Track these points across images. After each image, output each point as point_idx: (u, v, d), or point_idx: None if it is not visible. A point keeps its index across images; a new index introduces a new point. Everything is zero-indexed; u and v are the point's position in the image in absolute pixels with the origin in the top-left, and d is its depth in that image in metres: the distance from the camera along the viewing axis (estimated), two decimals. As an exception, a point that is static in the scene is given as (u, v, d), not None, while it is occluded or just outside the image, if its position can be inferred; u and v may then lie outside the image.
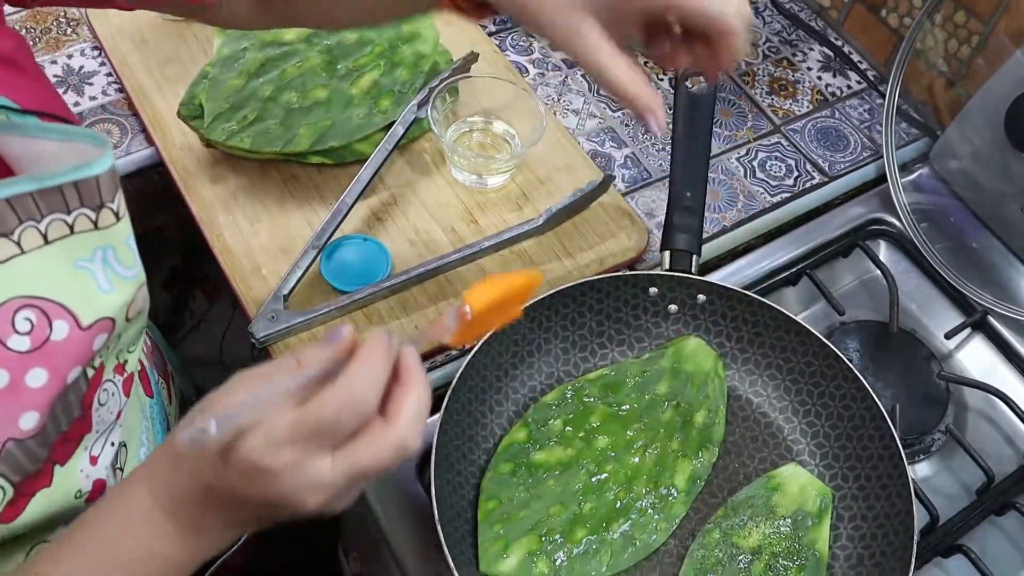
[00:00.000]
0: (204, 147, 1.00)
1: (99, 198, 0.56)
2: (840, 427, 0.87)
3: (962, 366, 1.03)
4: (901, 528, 0.80)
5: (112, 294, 0.57)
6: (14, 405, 0.54)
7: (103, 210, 0.56)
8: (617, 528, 0.82)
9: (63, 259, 0.55)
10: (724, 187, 1.08)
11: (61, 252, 0.55)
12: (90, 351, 0.56)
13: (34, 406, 0.55)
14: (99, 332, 0.56)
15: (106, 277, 0.57)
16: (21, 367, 0.53)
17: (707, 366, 0.89)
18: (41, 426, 0.56)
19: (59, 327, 0.54)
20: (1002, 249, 1.07)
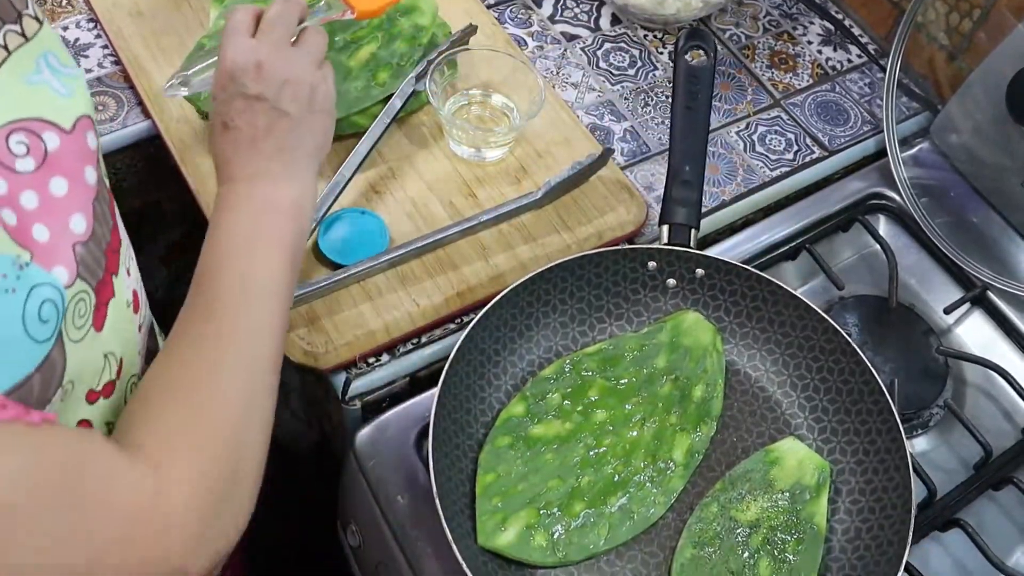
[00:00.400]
0: (201, 119, 1.00)
1: (12, 8, 0.56)
2: (838, 401, 0.87)
3: (961, 341, 1.03)
4: (899, 502, 0.80)
5: (73, 96, 0.57)
6: (59, 213, 0.55)
7: (24, 19, 0.56)
8: (615, 502, 0.82)
9: (16, 81, 0.55)
10: (723, 161, 1.08)
11: (10, 76, 0.55)
12: (89, 150, 0.58)
13: (76, 209, 0.56)
14: (85, 130, 0.58)
15: (60, 82, 0.57)
16: (42, 182, 0.54)
17: (705, 340, 0.89)
18: (91, 229, 0.57)
19: (49, 138, 0.55)
20: (1002, 224, 1.07)
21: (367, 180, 0.99)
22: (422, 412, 0.87)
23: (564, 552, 0.79)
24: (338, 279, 0.91)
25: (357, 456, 0.87)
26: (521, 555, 0.79)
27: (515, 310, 0.87)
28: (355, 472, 0.87)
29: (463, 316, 0.94)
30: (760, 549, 0.81)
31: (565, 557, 0.79)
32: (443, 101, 1.02)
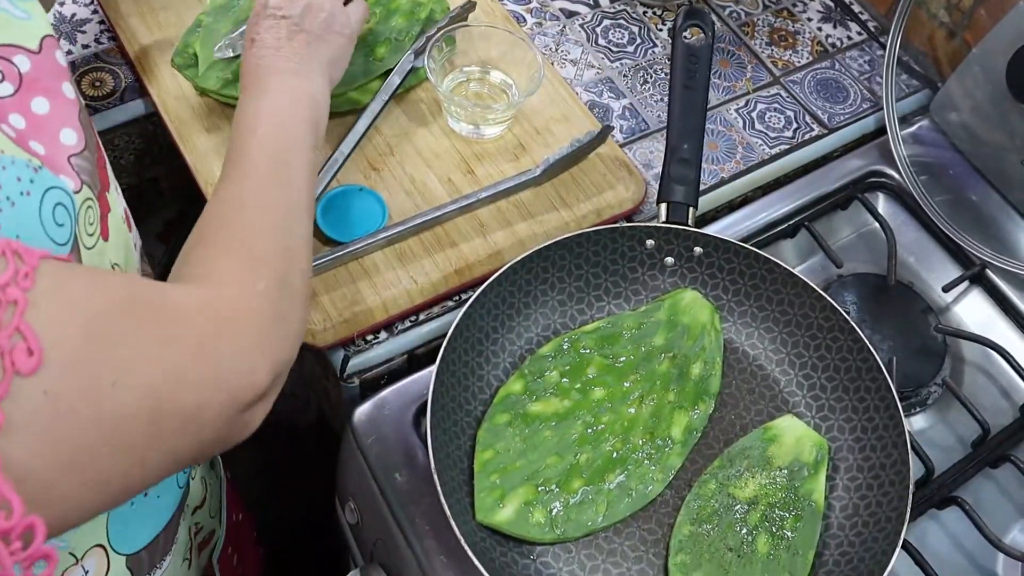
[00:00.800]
0: (199, 96, 0.99)
1: None
2: (837, 379, 0.88)
3: (959, 319, 1.03)
4: (897, 479, 0.81)
5: (32, 19, 0.57)
6: (49, 128, 0.56)
7: None
8: (613, 479, 0.82)
9: None
10: (722, 138, 1.08)
11: None
12: (60, 66, 0.58)
13: (63, 124, 0.56)
14: (52, 49, 0.58)
15: (15, 7, 0.57)
16: (23, 104, 0.55)
17: (703, 318, 0.89)
18: (83, 141, 0.58)
19: (20, 61, 0.56)
20: (1001, 202, 1.07)
21: (365, 157, 0.98)
22: (420, 389, 0.87)
23: (562, 529, 0.80)
24: (336, 256, 0.90)
25: (355, 433, 0.87)
26: (519, 531, 0.79)
27: (513, 288, 0.87)
28: (353, 449, 0.87)
29: (461, 294, 0.94)
30: (758, 526, 0.81)
31: (563, 534, 0.80)
32: (441, 77, 1.02)
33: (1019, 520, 0.91)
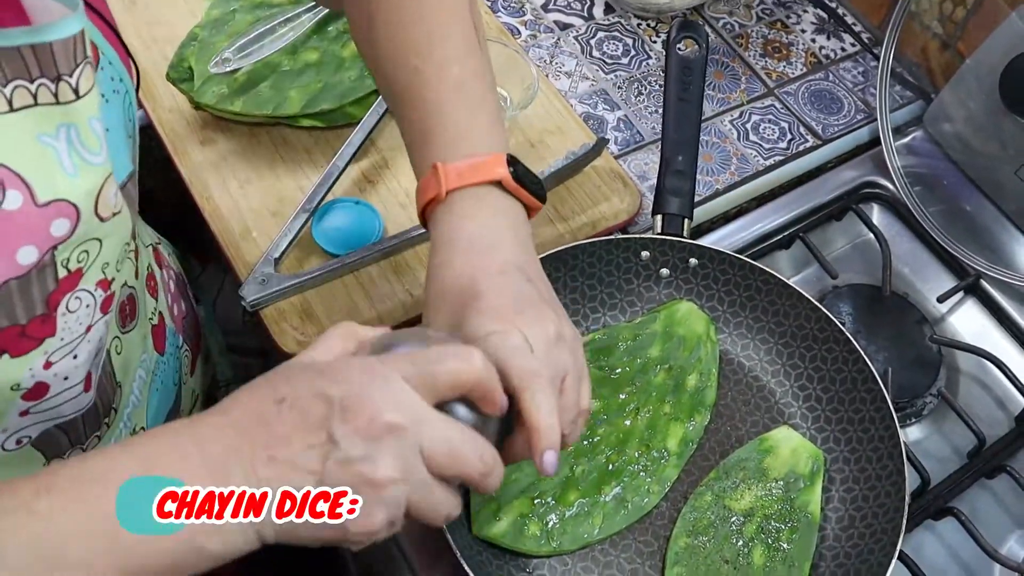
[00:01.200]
0: (193, 110, 0.99)
1: (55, 68, 0.52)
2: (832, 390, 0.88)
3: (954, 330, 1.03)
4: (892, 490, 0.81)
5: (75, 178, 0.54)
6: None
7: (60, 83, 0.53)
8: (609, 491, 0.82)
9: (27, 130, 0.52)
10: (717, 150, 1.08)
11: (25, 122, 0.52)
12: (47, 235, 0.54)
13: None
14: (58, 216, 0.53)
15: (70, 160, 0.54)
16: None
17: (699, 330, 0.89)
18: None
19: (12, 197, 0.51)
20: (995, 212, 1.07)
21: (361, 170, 0.99)
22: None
23: (558, 541, 0.79)
24: (332, 269, 0.91)
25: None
26: (515, 544, 0.79)
27: (509, 300, 0.87)
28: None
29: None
30: (754, 538, 0.81)
31: (559, 546, 0.79)
32: (436, 90, 1.02)
33: (1015, 531, 0.91)
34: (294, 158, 0.99)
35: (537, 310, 0.63)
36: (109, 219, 0.57)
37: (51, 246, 0.54)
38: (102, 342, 0.64)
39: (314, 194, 0.93)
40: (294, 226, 0.92)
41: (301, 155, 0.99)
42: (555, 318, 0.64)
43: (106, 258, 0.59)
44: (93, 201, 0.55)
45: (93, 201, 0.55)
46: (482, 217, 0.67)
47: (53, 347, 0.59)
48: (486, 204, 0.68)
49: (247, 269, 0.91)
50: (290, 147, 0.99)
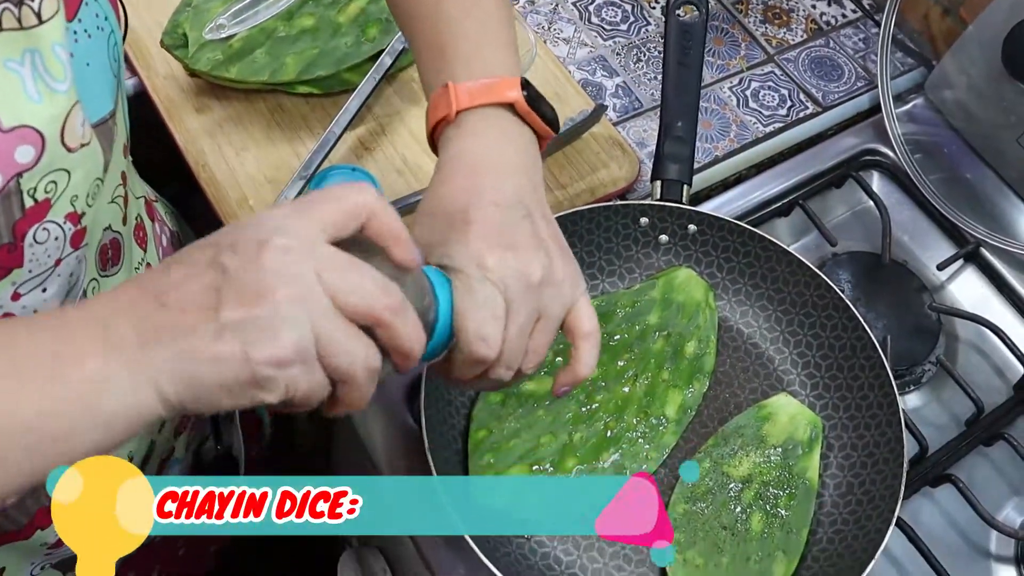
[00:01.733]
0: (188, 77, 0.99)
1: None
2: (831, 357, 0.87)
3: (954, 298, 1.03)
4: (891, 457, 0.81)
5: (40, 105, 0.53)
6: None
7: (23, 7, 0.52)
8: (607, 457, 0.82)
9: None
10: (716, 117, 1.07)
11: None
12: (11, 160, 0.53)
13: None
14: (22, 142, 0.52)
15: (35, 86, 0.53)
16: None
17: (698, 296, 0.89)
18: None
19: None
20: (996, 180, 1.06)
21: (357, 137, 0.98)
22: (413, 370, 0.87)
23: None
24: (328, 236, 0.90)
25: (349, 414, 0.86)
26: (514, 511, 0.79)
27: (507, 267, 0.87)
28: (347, 431, 0.87)
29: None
30: (752, 504, 0.81)
31: (558, 513, 0.79)
32: (433, 57, 1.01)
33: (1012, 497, 0.91)
34: (290, 125, 0.98)
35: (526, 250, 0.62)
36: (77, 150, 0.56)
37: (16, 173, 0.53)
38: (75, 279, 0.63)
39: (310, 161, 0.93)
40: (290, 193, 0.91)
41: (297, 122, 0.98)
42: (544, 260, 0.62)
43: (75, 191, 0.58)
44: (59, 129, 0.54)
45: (59, 129, 0.54)
46: (490, 139, 0.66)
47: (21, 278, 0.58)
48: (496, 126, 0.66)
49: (243, 237, 0.90)
50: (286, 114, 0.98)
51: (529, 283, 0.60)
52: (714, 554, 0.79)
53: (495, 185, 0.63)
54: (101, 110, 0.60)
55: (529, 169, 0.67)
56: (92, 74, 0.59)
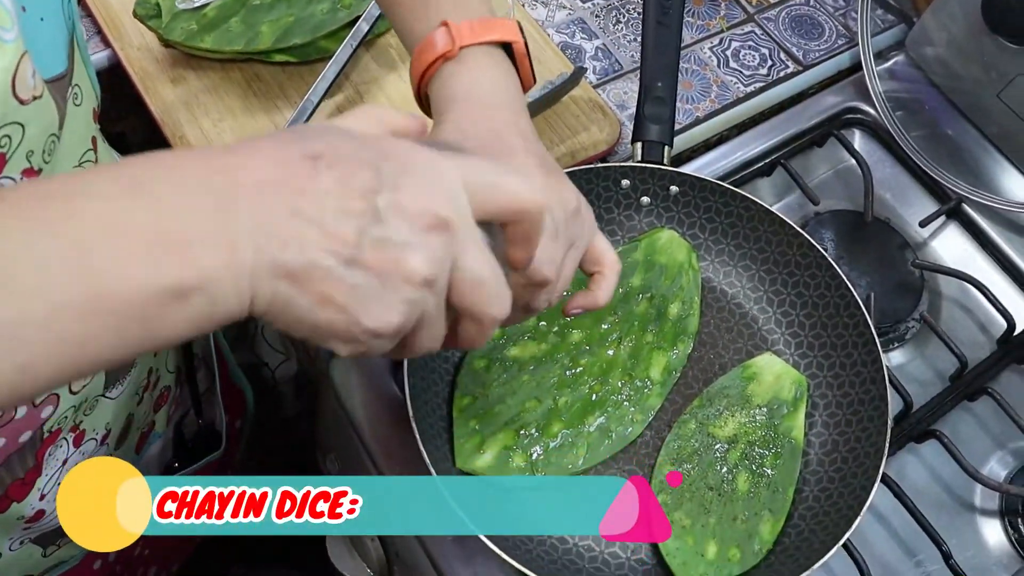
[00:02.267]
0: (163, 47, 0.97)
1: None
2: (815, 316, 0.87)
3: (936, 254, 1.03)
4: (875, 414, 0.81)
5: None
6: None
7: None
8: (593, 421, 0.82)
9: None
10: (697, 77, 1.06)
11: None
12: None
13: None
14: None
15: None
16: None
17: (681, 258, 0.89)
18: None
19: None
20: (978, 136, 1.06)
21: (335, 105, 0.97)
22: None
23: (543, 472, 0.79)
24: (309, 206, 0.89)
25: (333, 384, 0.86)
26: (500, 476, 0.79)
27: (488, 232, 0.87)
28: (331, 400, 0.87)
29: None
30: (738, 464, 0.81)
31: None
32: (410, 22, 1.00)
33: (996, 451, 0.92)
34: (267, 94, 0.97)
35: (560, 178, 0.63)
36: (30, 103, 0.55)
37: None
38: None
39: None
40: (269, 163, 0.90)
41: (274, 91, 0.97)
42: (574, 189, 0.63)
43: (30, 146, 0.57)
44: (9, 80, 0.52)
45: (9, 80, 0.52)
46: (496, 75, 0.65)
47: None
48: (497, 65, 0.66)
49: (223, 208, 0.89)
50: (263, 83, 0.98)
51: (567, 211, 0.61)
52: (701, 515, 0.79)
53: (513, 120, 0.64)
54: (55, 67, 0.60)
55: (526, 111, 0.67)
56: (46, 29, 0.58)
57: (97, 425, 0.76)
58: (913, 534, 0.84)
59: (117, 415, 0.79)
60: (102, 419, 0.76)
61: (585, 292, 0.68)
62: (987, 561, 0.87)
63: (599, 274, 0.67)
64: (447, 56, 0.65)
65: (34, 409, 0.65)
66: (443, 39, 0.65)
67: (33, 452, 0.67)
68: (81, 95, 0.63)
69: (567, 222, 0.61)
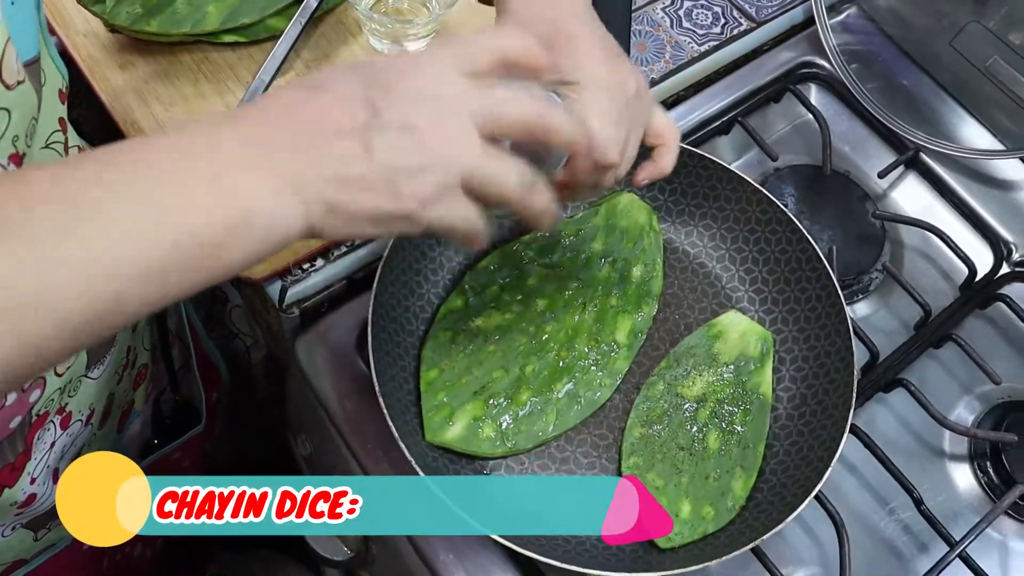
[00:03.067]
0: (109, 33, 0.96)
1: None
2: (777, 271, 0.88)
3: (897, 205, 1.03)
4: (841, 366, 0.81)
5: None
6: None
7: None
8: (561, 387, 0.82)
9: None
10: (650, 39, 1.06)
11: None
12: None
13: None
14: None
15: None
16: None
17: (641, 220, 0.88)
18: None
19: None
20: (933, 85, 1.07)
21: (288, 83, 0.96)
22: (361, 314, 0.86)
23: (513, 441, 0.79)
24: (265, 187, 0.88)
25: (299, 364, 0.86)
26: (470, 448, 0.78)
27: (447, 204, 0.86)
28: (299, 380, 0.86)
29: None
30: (708, 423, 0.81)
31: (515, 446, 0.79)
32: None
33: (963, 396, 0.93)
34: (218, 76, 0.96)
35: (621, 61, 0.66)
36: (14, 87, 0.56)
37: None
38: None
39: (241, 111, 0.91)
40: (223, 145, 0.89)
41: (225, 72, 0.96)
42: (634, 70, 0.66)
43: (15, 130, 0.58)
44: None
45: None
46: None
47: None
48: None
49: (179, 193, 0.88)
50: (213, 65, 0.96)
51: (628, 93, 0.65)
52: (673, 475, 0.79)
53: (571, 3, 0.67)
54: (29, 51, 0.60)
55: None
56: (18, 13, 0.58)
57: (82, 406, 0.76)
58: (885, 483, 0.85)
59: (100, 395, 0.79)
60: (86, 400, 0.76)
61: (651, 163, 0.72)
62: (958, 505, 0.87)
63: (662, 146, 0.72)
64: None
65: (23, 394, 0.65)
66: None
67: (23, 436, 0.67)
68: (46, 77, 0.63)
69: (628, 104, 0.64)
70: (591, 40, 0.65)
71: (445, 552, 0.78)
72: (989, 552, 0.85)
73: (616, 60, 0.66)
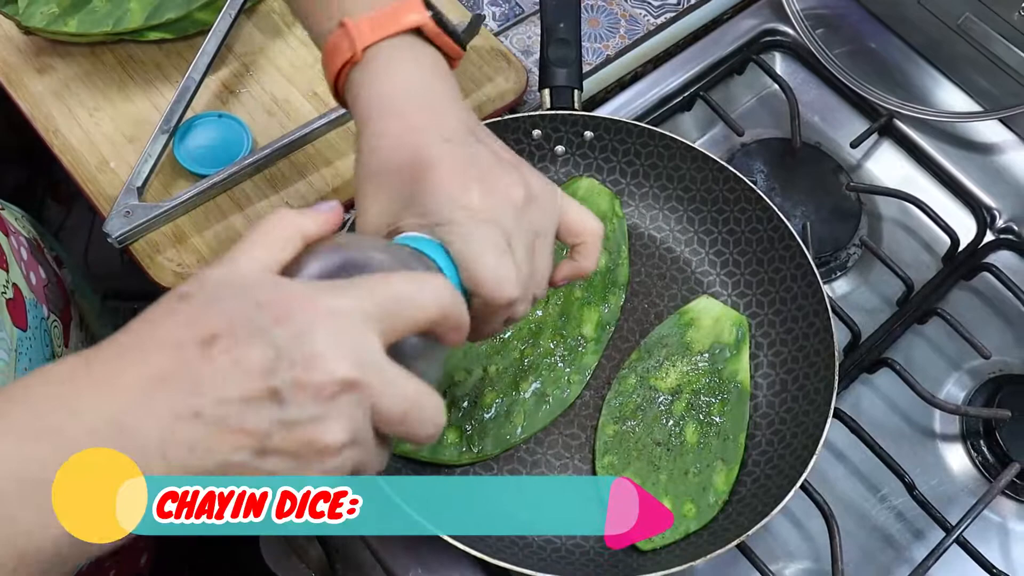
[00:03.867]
0: (24, 35, 0.90)
1: None
2: (749, 252, 0.83)
3: (872, 175, 0.99)
4: (822, 348, 0.77)
5: None
6: None
7: None
8: (528, 387, 0.77)
9: None
10: (603, 14, 1.01)
11: None
12: None
13: None
14: None
15: None
16: None
17: (603, 206, 0.84)
18: None
19: None
20: (903, 47, 1.02)
21: (220, 80, 0.91)
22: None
23: (479, 447, 0.75)
24: (202, 191, 0.83)
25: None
26: (434, 457, 0.74)
27: (395, 199, 0.81)
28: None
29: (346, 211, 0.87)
30: (684, 415, 0.77)
31: (481, 452, 0.75)
32: (293, -16, 0.94)
33: (952, 373, 0.89)
34: (145, 76, 0.90)
35: (498, 174, 0.57)
36: None
37: None
38: None
39: (171, 112, 0.85)
40: (154, 150, 0.84)
41: (152, 72, 0.91)
42: (519, 178, 0.58)
43: None
44: None
45: None
46: (408, 72, 0.60)
47: None
48: (408, 58, 0.60)
49: (109, 203, 0.83)
50: (139, 64, 0.91)
51: (516, 207, 0.57)
52: (651, 473, 0.75)
53: (436, 121, 0.58)
54: None
55: (455, 92, 0.61)
56: None
57: None
58: (874, 468, 0.81)
59: None
60: None
61: (570, 262, 0.64)
62: (953, 488, 0.84)
63: (581, 244, 0.63)
64: (352, 61, 0.59)
65: None
66: (344, 43, 0.59)
67: None
68: None
69: (517, 219, 0.57)
70: (454, 165, 0.56)
71: (414, 569, 0.74)
72: (988, 535, 0.82)
73: (491, 175, 0.57)
